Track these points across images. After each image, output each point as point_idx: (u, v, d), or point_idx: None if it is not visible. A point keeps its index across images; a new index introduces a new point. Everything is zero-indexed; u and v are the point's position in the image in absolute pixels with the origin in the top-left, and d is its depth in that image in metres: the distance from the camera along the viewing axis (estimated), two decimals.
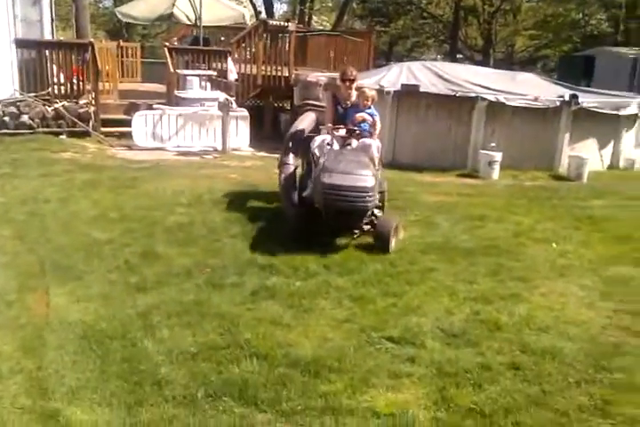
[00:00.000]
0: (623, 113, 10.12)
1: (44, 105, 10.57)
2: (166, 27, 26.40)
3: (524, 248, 5.66)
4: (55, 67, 11.22)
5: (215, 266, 4.93)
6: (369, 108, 5.93)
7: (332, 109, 6.05)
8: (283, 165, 6.15)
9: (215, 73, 12.02)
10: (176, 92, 11.32)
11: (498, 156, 9.16)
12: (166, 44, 13.05)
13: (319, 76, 11.30)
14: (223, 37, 15.92)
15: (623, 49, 19.90)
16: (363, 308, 4.27)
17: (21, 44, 10.86)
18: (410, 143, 10.00)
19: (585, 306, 4.47)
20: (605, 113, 9.94)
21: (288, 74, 12.32)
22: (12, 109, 10.28)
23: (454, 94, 9.90)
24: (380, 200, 5.79)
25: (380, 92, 9.93)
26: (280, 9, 36.06)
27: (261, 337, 3.79)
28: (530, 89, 10.32)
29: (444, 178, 9.03)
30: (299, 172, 6.25)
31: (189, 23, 15.86)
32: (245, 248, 5.31)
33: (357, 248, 5.37)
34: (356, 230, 5.43)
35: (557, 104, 9.67)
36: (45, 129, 10.41)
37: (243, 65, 12.35)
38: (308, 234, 5.39)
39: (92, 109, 10.88)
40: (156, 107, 10.81)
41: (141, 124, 10.31)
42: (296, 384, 3.33)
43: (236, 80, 11.74)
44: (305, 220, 5.45)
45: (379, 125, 6.05)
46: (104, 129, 10.95)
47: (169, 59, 11.83)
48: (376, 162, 5.68)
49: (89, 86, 11.28)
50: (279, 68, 12.48)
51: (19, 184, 7.28)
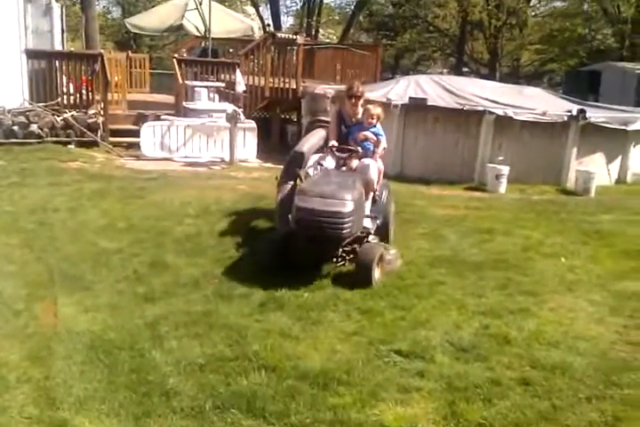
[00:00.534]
0: (631, 128, 10.12)
1: (53, 115, 10.64)
2: (174, 38, 26.68)
3: (532, 262, 5.65)
4: (65, 77, 11.33)
5: (223, 277, 4.93)
6: (374, 126, 5.62)
7: (336, 127, 5.78)
8: (281, 184, 5.82)
9: (223, 84, 12.10)
10: (184, 103, 11.39)
11: (505, 169, 9.16)
12: (175, 55, 13.16)
13: (327, 89, 11.41)
14: (232, 49, 16.07)
15: (629, 64, 19.91)
16: (371, 321, 4.26)
17: (32, 54, 10.97)
18: (417, 156, 10.04)
19: (594, 321, 4.45)
20: (613, 128, 9.95)
21: (295, 86, 12.40)
22: (22, 119, 10.35)
23: (462, 108, 9.94)
24: (382, 226, 5.44)
25: (388, 105, 10.00)
26: (287, 22, 36.35)
27: (270, 349, 3.78)
28: (537, 103, 10.35)
29: (451, 191, 9.04)
30: None
31: (198, 35, 16.03)
32: (253, 259, 5.30)
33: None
34: (338, 259, 5.04)
35: (565, 119, 9.69)
36: (54, 139, 10.48)
37: (251, 77, 12.45)
38: (286, 260, 4.94)
39: (101, 120, 10.96)
40: (164, 117, 10.87)
41: (149, 135, 10.37)
42: (305, 397, 3.31)
43: (244, 92, 11.82)
44: (285, 244, 5.01)
45: (383, 145, 5.70)
46: (112, 139, 11.03)
47: (177, 70, 11.94)
48: (374, 185, 5.35)
49: (98, 97, 11.37)
50: (287, 80, 12.56)
51: (27, 193, 7.30)
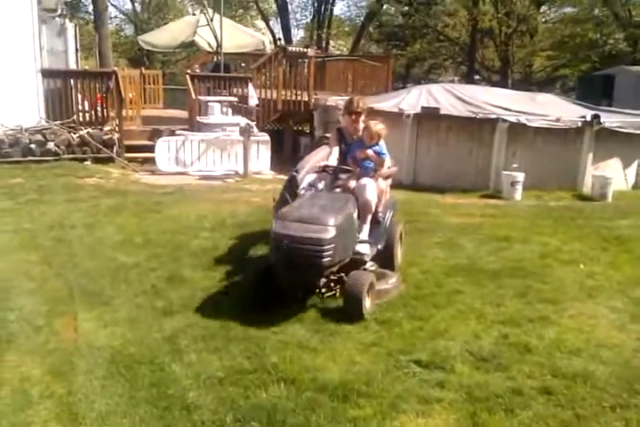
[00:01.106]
0: None
1: (69, 132, 10.80)
2: (186, 54, 27.00)
3: (551, 270, 5.61)
4: (80, 95, 11.50)
5: (239, 289, 4.93)
6: (376, 144, 5.17)
7: (334, 145, 5.35)
8: (276, 208, 5.35)
9: (236, 99, 12.21)
10: (198, 117, 11.50)
11: (520, 176, 9.12)
12: (188, 71, 13.31)
13: (338, 100, 11.47)
14: (243, 64, 16.21)
15: None
16: (389, 331, 4.23)
17: (47, 73, 11.16)
18: (431, 165, 10.03)
19: (616, 328, 4.39)
20: (628, 132, 9.87)
21: (307, 98, 12.49)
22: (39, 137, 10.52)
23: (475, 116, 9.93)
24: (385, 251, 5.11)
25: (400, 115, 10.02)
26: (297, 34, 36.68)
27: (288, 361, 3.77)
28: (551, 110, 10.31)
29: (466, 199, 9.00)
30: None
31: (210, 50, 16.19)
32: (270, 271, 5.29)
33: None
34: (323, 289, 4.63)
35: (579, 124, 9.64)
36: (71, 156, 10.64)
37: (263, 90, 12.55)
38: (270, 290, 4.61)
39: (116, 136, 11.10)
40: (178, 132, 10.99)
41: (164, 150, 10.47)
42: (325, 409, 3.29)
43: (257, 105, 11.91)
44: (268, 273, 4.62)
45: (387, 164, 5.24)
46: (128, 155, 11.16)
47: (190, 85, 12.08)
48: (371, 207, 4.96)
49: (113, 113, 11.52)
50: (298, 92, 12.66)
51: (45, 210, 7.39)
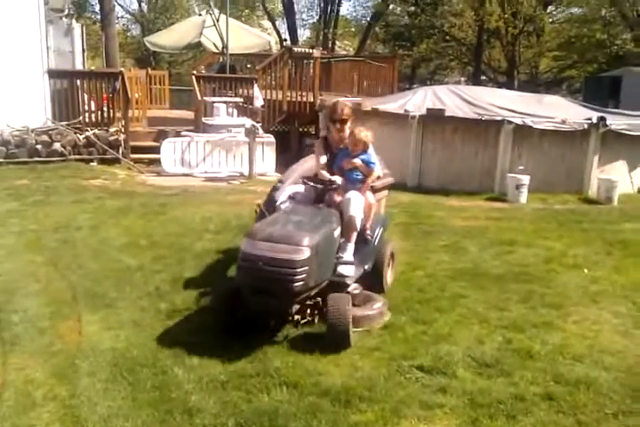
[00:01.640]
0: None
1: (75, 133, 10.84)
2: (192, 54, 27.04)
3: (555, 274, 5.59)
4: (86, 96, 11.54)
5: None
6: (364, 152, 4.74)
7: (318, 156, 4.90)
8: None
9: (241, 100, 12.22)
10: (203, 119, 11.53)
11: (526, 179, 9.09)
12: (194, 72, 13.33)
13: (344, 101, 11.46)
14: (249, 65, 16.23)
15: None
16: (392, 336, 4.23)
17: (54, 74, 11.21)
18: (436, 167, 10.01)
19: (619, 334, 4.38)
20: (635, 135, 9.83)
21: (313, 99, 12.48)
22: (45, 138, 10.57)
23: (480, 118, 9.91)
24: (373, 272, 4.72)
25: (406, 116, 10.01)
26: (303, 35, 36.67)
27: (291, 365, 3.78)
28: (556, 112, 10.29)
29: (471, 202, 8.99)
30: None
31: (216, 51, 16.21)
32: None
33: None
34: (295, 317, 4.21)
35: (585, 127, 9.60)
36: (77, 156, 10.68)
37: (268, 91, 12.56)
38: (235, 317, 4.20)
39: (122, 137, 11.13)
40: (184, 134, 11.01)
41: (170, 151, 10.50)
42: (326, 414, 3.30)
43: (262, 106, 11.92)
44: (234, 298, 4.17)
45: (377, 174, 4.82)
46: (134, 156, 11.19)
47: (196, 86, 12.09)
48: (356, 224, 4.50)
49: (119, 114, 11.55)
50: (304, 93, 12.67)
51: (51, 211, 7.42)
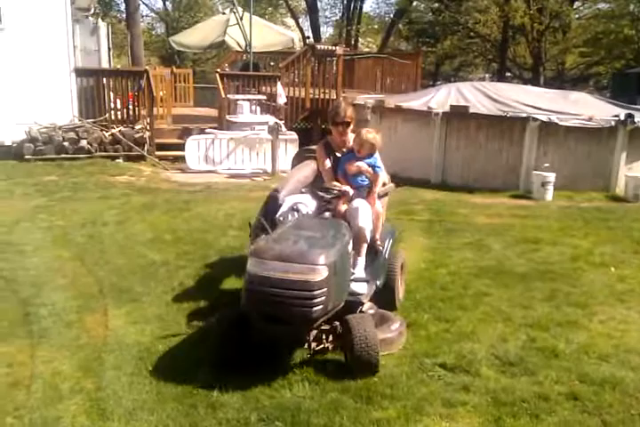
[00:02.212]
0: None
1: (101, 130, 10.99)
2: (216, 52, 27.19)
3: (581, 273, 5.53)
4: (112, 94, 11.69)
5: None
6: (370, 156, 4.38)
7: (323, 162, 4.54)
8: (254, 237, 4.32)
9: (265, 97, 12.27)
10: (227, 116, 11.60)
11: (551, 176, 8.99)
12: (218, 70, 13.42)
13: (367, 99, 11.44)
14: (272, 62, 16.27)
15: None
16: (415, 333, 4.22)
17: (80, 72, 11.38)
18: (460, 164, 9.94)
19: None
20: None
21: (336, 96, 12.47)
22: (72, 135, 10.73)
23: (505, 115, 9.81)
24: (385, 289, 4.36)
25: (429, 113, 9.96)
26: (327, 32, 36.67)
27: (312, 362, 3.78)
28: (583, 108, 10.14)
29: (495, 199, 8.92)
30: None
31: (240, 49, 16.28)
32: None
33: None
34: (311, 344, 3.75)
35: (612, 124, 9.46)
36: (103, 153, 10.83)
37: (291, 88, 12.59)
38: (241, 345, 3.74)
39: (147, 134, 11.26)
40: (208, 131, 11.10)
41: (194, 148, 10.59)
42: (348, 411, 3.30)
43: (285, 104, 11.95)
44: (241, 324, 3.72)
45: (382, 180, 4.42)
46: (158, 153, 11.33)
47: (220, 84, 12.17)
48: (366, 235, 4.14)
49: (144, 112, 11.69)
50: (327, 90, 12.67)
51: (78, 207, 7.55)
